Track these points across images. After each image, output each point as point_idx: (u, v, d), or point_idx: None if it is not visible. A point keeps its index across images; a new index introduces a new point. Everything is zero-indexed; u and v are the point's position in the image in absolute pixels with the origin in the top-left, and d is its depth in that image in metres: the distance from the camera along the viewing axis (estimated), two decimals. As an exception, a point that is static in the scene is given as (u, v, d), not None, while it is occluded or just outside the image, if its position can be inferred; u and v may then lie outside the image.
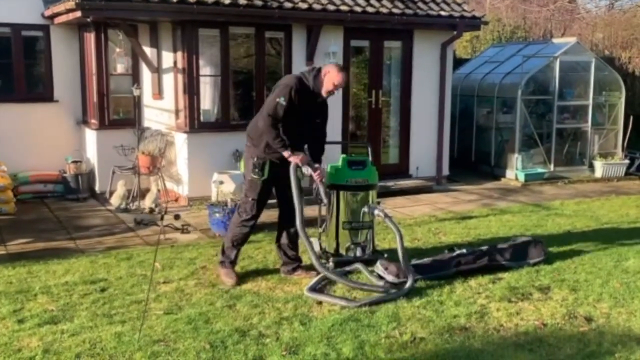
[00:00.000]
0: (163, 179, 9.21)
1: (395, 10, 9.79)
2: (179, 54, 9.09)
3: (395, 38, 10.46)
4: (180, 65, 9.07)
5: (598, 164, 11.86)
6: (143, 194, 8.82)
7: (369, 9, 9.61)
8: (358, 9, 9.51)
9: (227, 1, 8.63)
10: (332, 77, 5.39)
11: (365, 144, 7.83)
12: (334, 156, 7.13)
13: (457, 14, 10.32)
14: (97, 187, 9.54)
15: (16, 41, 9.80)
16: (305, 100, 5.39)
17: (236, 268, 5.80)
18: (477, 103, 12.45)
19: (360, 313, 4.85)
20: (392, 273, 5.62)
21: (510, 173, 11.44)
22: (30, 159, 9.75)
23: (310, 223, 7.55)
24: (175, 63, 9.23)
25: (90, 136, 9.77)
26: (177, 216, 5.11)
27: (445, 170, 11.02)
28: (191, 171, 8.95)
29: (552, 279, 5.72)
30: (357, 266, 5.80)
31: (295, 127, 5.39)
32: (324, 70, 5.46)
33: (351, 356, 4.15)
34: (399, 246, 5.56)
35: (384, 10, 9.71)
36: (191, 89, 8.91)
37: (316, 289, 5.34)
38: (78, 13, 8.21)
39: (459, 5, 10.63)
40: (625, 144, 12.24)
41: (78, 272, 5.88)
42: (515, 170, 11.33)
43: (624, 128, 12.19)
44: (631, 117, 12.15)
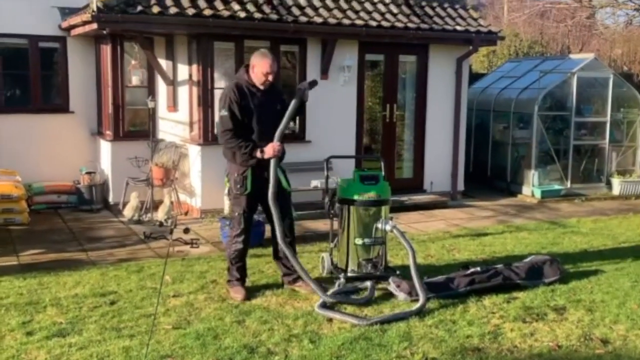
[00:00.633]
0: (176, 191, 9.21)
1: (410, 24, 9.76)
2: (194, 67, 9.11)
3: (410, 52, 10.42)
4: (195, 77, 9.09)
5: (616, 182, 11.70)
6: (156, 206, 8.82)
7: (384, 24, 9.58)
8: (373, 23, 9.49)
9: (243, 15, 8.65)
10: (260, 68, 5.43)
11: (378, 158, 7.75)
12: (347, 170, 7.07)
13: (473, 29, 10.26)
14: (111, 199, 9.55)
15: (33, 52, 9.89)
16: (252, 98, 5.44)
17: (247, 282, 5.76)
18: (493, 118, 12.35)
19: (371, 331, 4.77)
20: (405, 291, 5.54)
21: (526, 189, 11.32)
22: (44, 170, 9.80)
23: (322, 237, 7.58)
24: (190, 76, 9.25)
25: (104, 147, 9.80)
26: (187, 230, 5.06)
27: (460, 185, 10.92)
28: (204, 184, 8.94)
29: (568, 299, 5.60)
30: (368, 284, 5.70)
31: (259, 126, 5.45)
32: (251, 64, 5.50)
33: (361, 376, 4.09)
34: (412, 263, 5.49)
35: (399, 24, 9.68)
36: (206, 102, 8.92)
37: (327, 306, 5.27)
38: (94, 25, 8.25)
39: (475, 20, 10.57)
40: (643, 162, 12.08)
41: (88, 284, 5.86)
42: (531, 186, 11.20)
43: (643, 145, 12.04)
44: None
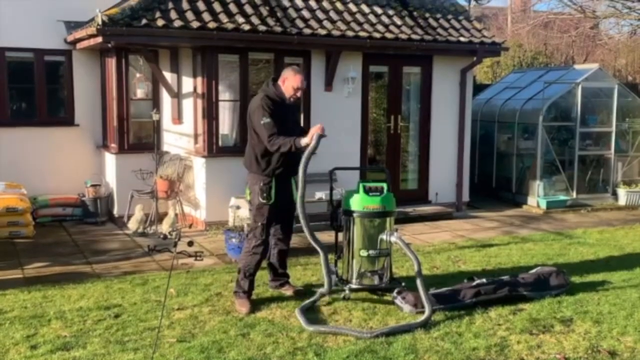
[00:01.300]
0: (181, 204, 9.21)
1: (414, 36, 9.78)
2: (199, 79, 9.14)
3: (414, 64, 10.43)
4: (199, 90, 9.12)
5: (622, 192, 11.65)
6: (161, 218, 8.82)
7: (388, 35, 9.60)
8: (377, 35, 9.51)
9: (247, 27, 8.68)
10: (291, 82, 5.62)
11: (382, 169, 7.74)
12: (352, 181, 7.06)
13: (477, 40, 10.27)
14: (116, 211, 9.56)
15: (38, 66, 9.94)
16: (280, 110, 5.60)
17: (252, 294, 5.75)
18: (498, 129, 12.34)
19: (376, 344, 4.74)
20: (410, 302, 5.52)
21: (531, 200, 11.28)
22: (50, 183, 9.83)
23: (327, 249, 7.54)
24: (195, 88, 9.28)
25: (109, 160, 9.82)
26: (191, 243, 5.06)
27: (465, 196, 10.89)
28: (209, 196, 8.94)
29: (575, 311, 5.56)
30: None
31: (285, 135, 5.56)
32: (282, 77, 5.69)
33: (366, 389, 4.05)
34: (417, 275, 5.46)
35: (403, 36, 9.70)
36: (210, 114, 8.94)
37: (307, 309, 5.45)
38: (99, 38, 8.30)
39: (479, 31, 10.59)
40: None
41: (93, 297, 5.85)
42: (536, 197, 11.17)
43: (648, 155, 12.00)
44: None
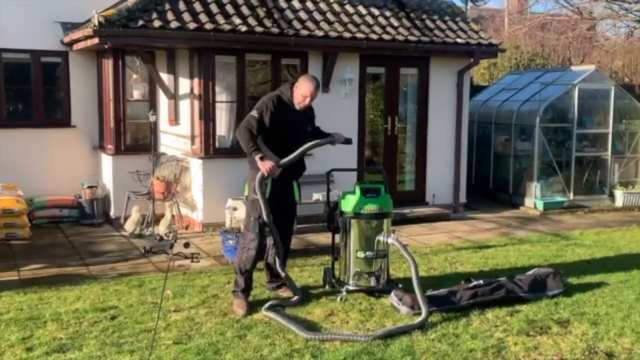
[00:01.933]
0: (178, 205, 9.19)
1: (411, 37, 9.78)
2: (196, 81, 9.12)
3: (411, 65, 10.44)
4: (196, 91, 9.10)
5: (618, 193, 11.66)
6: (158, 220, 8.80)
7: (385, 37, 9.60)
8: (374, 37, 9.50)
9: (244, 29, 8.67)
10: (301, 89, 5.66)
11: (379, 171, 7.73)
12: (349, 183, 7.05)
13: (474, 42, 10.27)
14: (112, 213, 9.54)
15: (35, 67, 9.92)
16: (287, 113, 5.64)
17: (250, 296, 5.73)
18: (495, 130, 12.35)
19: (373, 346, 4.73)
20: (407, 304, 5.51)
21: (529, 201, 11.28)
22: (46, 184, 9.80)
23: (323, 251, 7.55)
24: (191, 89, 9.27)
25: (106, 161, 9.80)
26: (187, 244, 5.05)
27: (462, 197, 10.89)
28: (206, 197, 8.92)
29: (572, 312, 5.56)
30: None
31: (285, 140, 5.61)
32: (296, 84, 5.73)
33: (363, 391, 4.04)
34: (414, 276, 5.45)
35: (400, 37, 9.70)
36: (207, 115, 8.92)
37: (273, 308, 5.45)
38: (96, 40, 8.28)
39: (476, 32, 10.59)
40: (646, 173, 12.05)
41: (89, 299, 5.83)
42: (534, 198, 11.17)
43: (645, 156, 12.02)
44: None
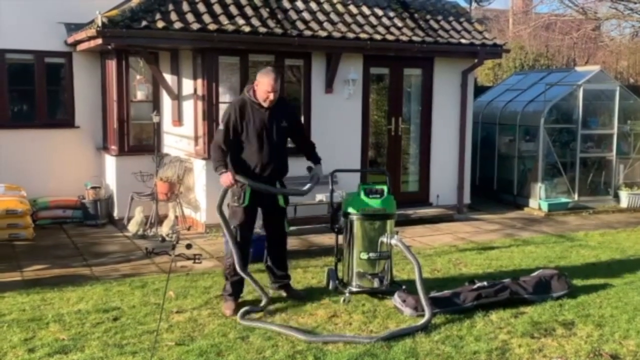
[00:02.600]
0: (181, 206, 9.18)
1: (415, 38, 9.75)
2: (199, 81, 9.11)
3: (415, 65, 10.40)
4: (200, 92, 9.09)
5: (623, 194, 11.60)
6: (161, 221, 8.79)
7: (389, 37, 9.57)
8: (378, 37, 9.48)
9: (247, 29, 8.66)
10: (263, 86, 5.45)
11: (382, 172, 7.70)
12: (353, 184, 7.03)
13: (478, 42, 10.24)
14: (116, 213, 9.54)
15: (39, 68, 9.92)
16: (255, 115, 5.50)
17: (249, 297, 5.74)
18: (499, 131, 12.30)
19: (376, 347, 4.70)
20: (410, 306, 5.48)
21: (533, 202, 11.24)
22: (50, 185, 9.81)
23: (327, 252, 7.53)
24: (195, 90, 9.25)
25: (109, 162, 9.80)
26: (189, 245, 5.02)
27: (466, 198, 10.85)
28: (209, 198, 8.89)
29: (577, 314, 5.52)
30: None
31: (262, 143, 5.49)
32: (255, 81, 5.54)
33: (366, 393, 4.02)
34: (417, 278, 5.42)
35: (404, 38, 9.68)
36: (210, 116, 8.90)
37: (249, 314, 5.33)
38: (99, 40, 8.28)
39: (480, 33, 10.56)
40: (651, 174, 11.99)
41: (91, 300, 5.82)
42: (538, 199, 11.13)
43: (650, 157, 11.96)
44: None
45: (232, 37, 8.60)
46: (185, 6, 8.75)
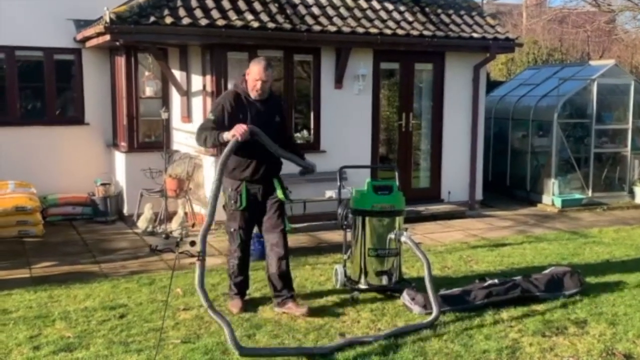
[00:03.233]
0: (190, 202, 9.15)
1: (426, 32, 9.63)
2: (208, 77, 9.06)
3: (426, 60, 10.29)
4: (209, 88, 9.04)
5: (638, 190, 11.43)
6: (170, 217, 8.76)
7: (399, 32, 9.47)
8: (388, 32, 9.38)
9: (256, 25, 8.60)
10: (252, 74, 5.23)
11: (391, 168, 7.59)
12: (363, 180, 6.95)
13: (490, 36, 10.10)
14: (125, 210, 9.53)
15: (48, 64, 9.92)
16: (247, 107, 5.24)
17: (257, 295, 5.69)
18: (512, 126, 12.16)
19: (384, 346, 4.63)
20: (419, 303, 5.41)
21: (546, 198, 11.10)
22: (60, 181, 9.81)
23: (336, 249, 7.45)
24: (204, 86, 9.21)
25: (119, 159, 9.79)
26: (193, 243, 4.97)
27: (478, 195, 10.74)
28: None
29: (589, 312, 5.42)
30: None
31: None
32: (246, 72, 5.33)
33: (373, 393, 3.95)
34: (427, 275, 5.34)
35: (415, 32, 9.57)
36: (219, 112, 8.85)
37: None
38: (107, 36, 8.25)
39: (492, 27, 10.42)
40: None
41: (99, 297, 5.80)
42: (551, 195, 10.99)
43: (666, 153, 11.77)
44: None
45: (241, 33, 8.54)
46: (193, 2, 8.70)
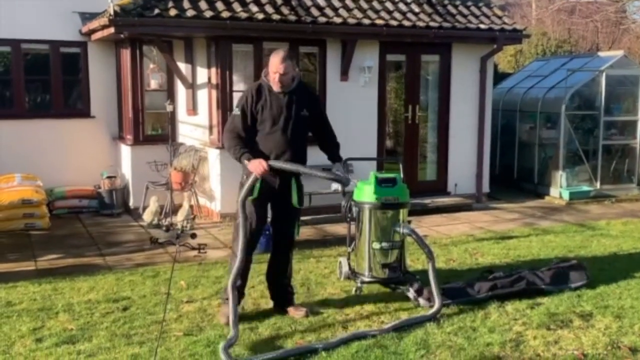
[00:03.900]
0: (196, 195, 9.15)
1: (432, 23, 9.56)
2: (213, 70, 9.04)
3: (432, 52, 10.21)
4: (214, 80, 9.02)
5: (647, 182, 11.35)
6: (176, 210, 8.76)
7: (406, 23, 9.40)
8: (394, 23, 9.31)
9: (261, 16, 8.55)
10: (271, 67, 4.99)
11: (396, 160, 7.53)
12: (368, 172, 6.91)
13: (497, 27, 10.01)
14: (131, 203, 9.54)
15: (54, 57, 9.92)
16: (272, 101, 5.00)
17: (261, 287, 5.64)
18: (520, 118, 12.07)
19: (386, 339, 4.61)
20: (423, 296, 5.37)
21: (554, 191, 11.02)
22: (66, 174, 9.83)
23: (341, 241, 7.43)
24: (209, 78, 9.19)
25: (125, 152, 9.79)
26: (194, 235, 4.94)
27: (485, 187, 10.67)
28: (224, 187, 8.84)
29: (595, 305, 5.36)
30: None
31: (279, 131, 4.99)
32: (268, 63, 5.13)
33: (374, 386, 3.93)
34: (430, 268, 5.31)
35: (421, 24, 9.49)
36: (225, 105, 8.83)
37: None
38: (112, 29, 8.23)
39: (499, 18, 10.33)
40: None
41: (102, 290, 5.80)
42: (559, 188, 10.91)
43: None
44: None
45: (246, 25, 8.50)
46: (198, -6, 8.67)
